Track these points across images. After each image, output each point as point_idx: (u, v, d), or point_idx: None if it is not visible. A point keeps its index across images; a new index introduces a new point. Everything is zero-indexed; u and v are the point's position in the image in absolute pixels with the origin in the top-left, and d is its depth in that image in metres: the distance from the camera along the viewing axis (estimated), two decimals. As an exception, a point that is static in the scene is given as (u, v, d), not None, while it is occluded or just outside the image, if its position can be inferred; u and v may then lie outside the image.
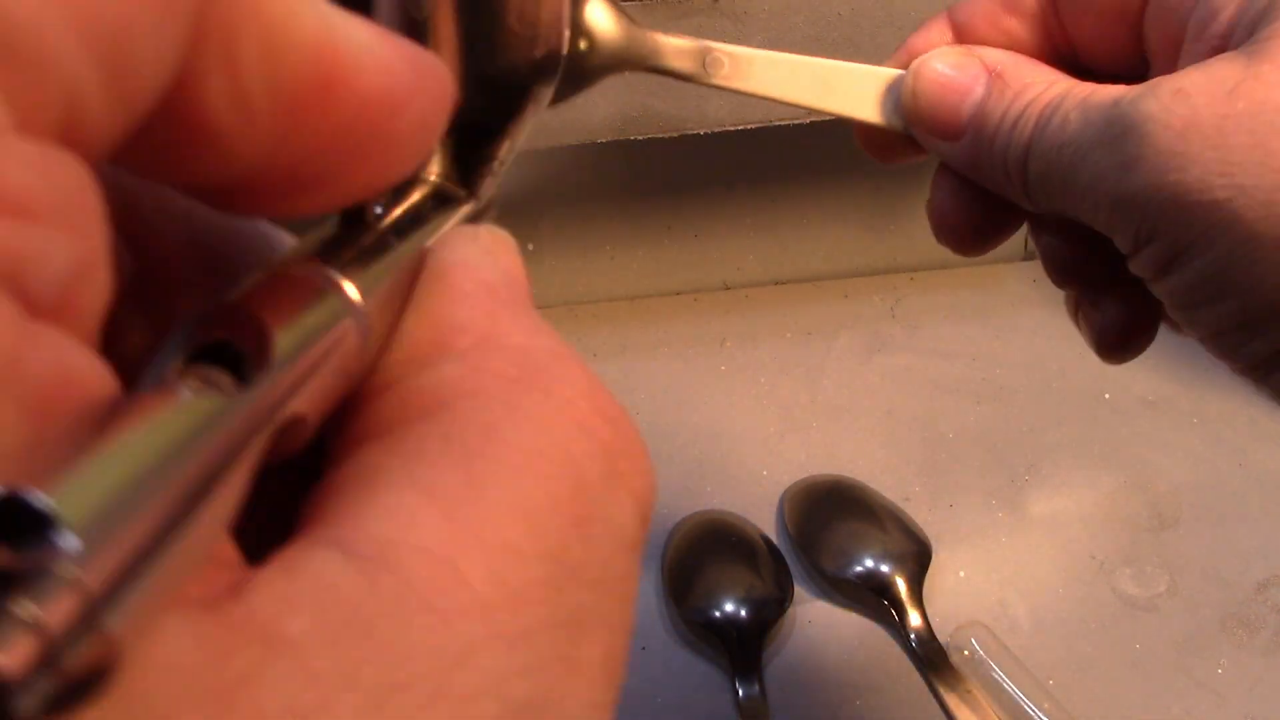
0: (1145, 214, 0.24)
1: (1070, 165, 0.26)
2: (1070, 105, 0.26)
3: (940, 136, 0.29)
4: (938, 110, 0.29)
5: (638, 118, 0.54)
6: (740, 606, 0.48)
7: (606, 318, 0.64)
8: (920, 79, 0.29)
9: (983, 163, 0.28)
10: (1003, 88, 0.28)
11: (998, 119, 0.28)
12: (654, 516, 0.58)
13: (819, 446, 0.56)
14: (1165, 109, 0.23)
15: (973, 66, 0.28)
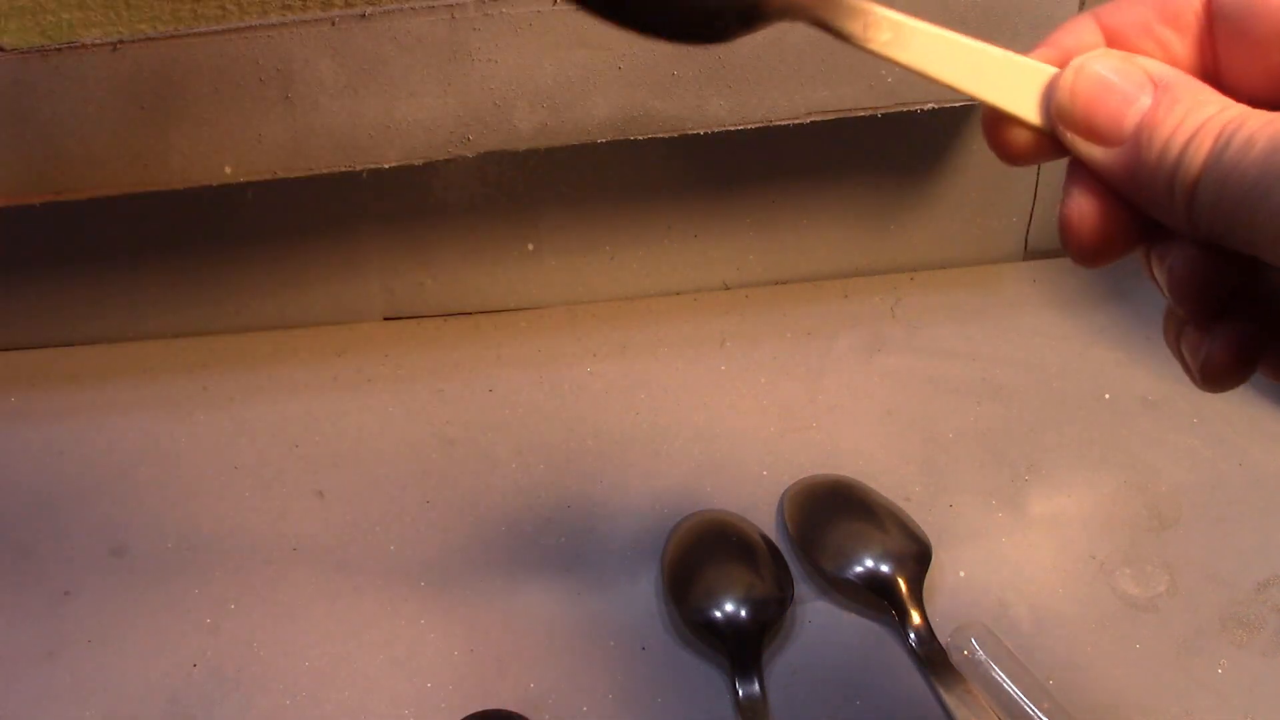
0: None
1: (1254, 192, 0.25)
2: (1255, 128, 0.25)
3: (1096, 140, 0.28)
4: (1098, 113, 0.28)
5: (638, 118, 0.54)
6: (740, 606, 0.48)
7: (606, 318, 0.64)
8: (1082, 77, 0.28)
9: (1142, 176, 0.28)
10: (1173, 101, 0.27)
11: (1168, 134, 0.27)
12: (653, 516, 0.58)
13: (819, 446, 0.56)
14: None
15: (1137, 74, 0.28)
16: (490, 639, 0.49)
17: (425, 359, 0.62)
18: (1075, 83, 0.28)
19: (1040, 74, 0.29)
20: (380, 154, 0.53)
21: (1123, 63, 0.28)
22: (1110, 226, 0.30)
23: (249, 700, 0.48)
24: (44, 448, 0.58)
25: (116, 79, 0.50)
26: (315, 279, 0.63)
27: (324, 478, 0.56)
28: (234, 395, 0.60)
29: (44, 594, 0.52)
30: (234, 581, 0.52)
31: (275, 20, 0.50)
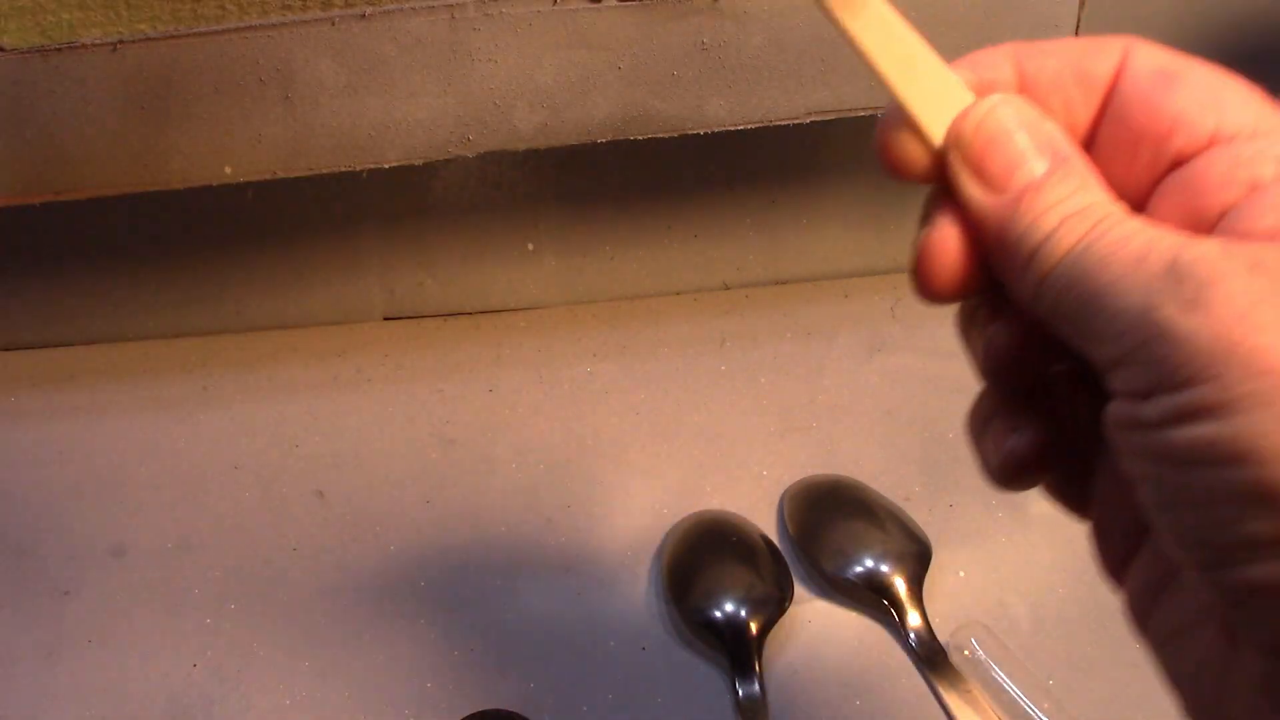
0: (1194, 358, 0.24)
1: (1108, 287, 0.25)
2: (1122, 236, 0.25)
3: (982, 182, 0.28)
4: (994, 157, 0.28)
5: (638, 118, 0.54)
6: (740, 606, 0.48)
7: (606, 318, 0.64)
8: (994, 117, 0.28)
9: (1009, 236, 0.27)
10: (1064, 177, 0.27)
11: (1047, 207, 0.27)
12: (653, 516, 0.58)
13: (819, 446, 0.56)
14: (1239, 274, 0.23)
15: (1044, 137, 0.28)
16: (490, 639, 0.49)
17: (425, 359, 0.62)
18: (985, 119, 0.28)
19: (959, 96, 0.29)
20: (380, 154, 0.53)
21: (1037, 120, 0.28)
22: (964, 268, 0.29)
23: (249, 700, 0.48)
24: (44, 448, 0.58)
25: (116, 79, 0.50)
26: (315, 279, 0.63)
27: (324, 478, 0.56)
28: (234, 395, 0.60)
29: (44, 594, 0.52)
30: (234, 581, 0.52)
31: (275, 20, 0.50)
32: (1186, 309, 0.24)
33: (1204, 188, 0.26)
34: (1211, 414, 0.23)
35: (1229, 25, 0.60)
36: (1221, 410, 0.23)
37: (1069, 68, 0.28)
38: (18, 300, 0.62)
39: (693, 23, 0.51)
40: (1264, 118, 0.26)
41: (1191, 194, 0.26)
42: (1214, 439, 0.23)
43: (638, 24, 0.51)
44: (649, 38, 0.51)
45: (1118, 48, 0.28)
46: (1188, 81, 0.26)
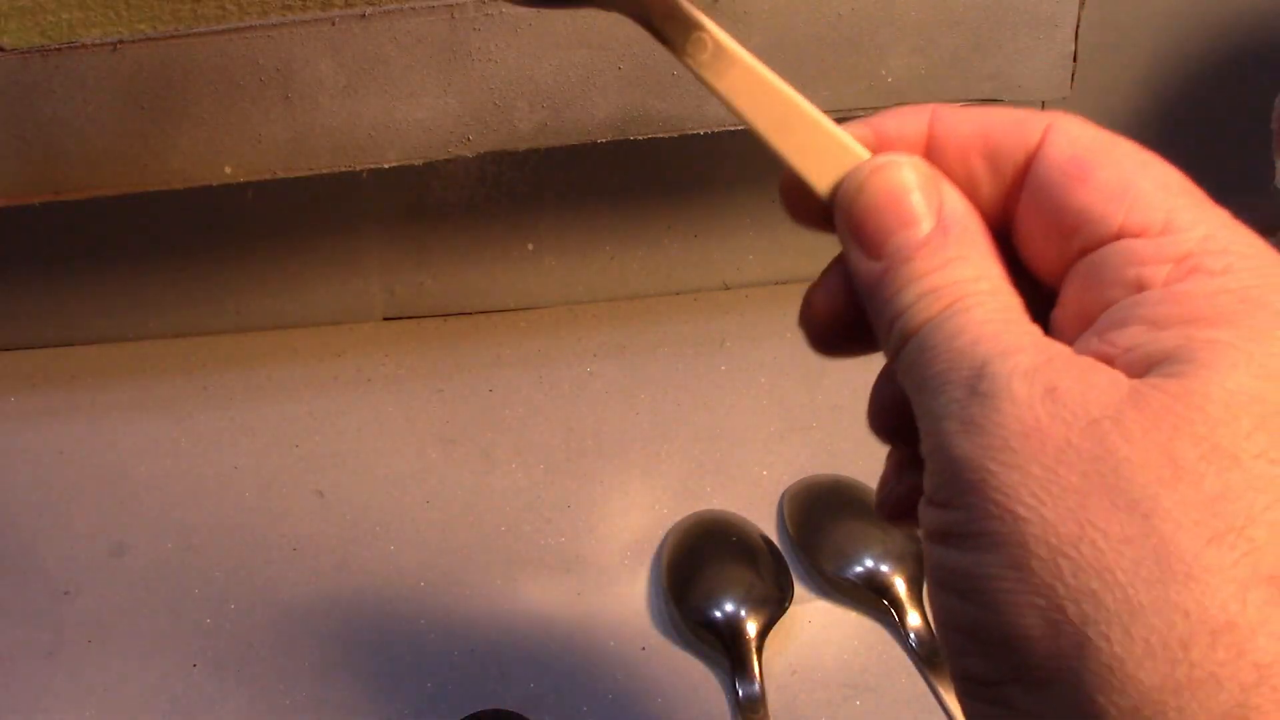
0: (951, 477, 0.23)
1: (930, 380, 0.24)
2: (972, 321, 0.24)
3: (858, 245, 0.27)
4: (870, 220, 0.27)
5: (638, 118, 0.54)
6: (740, 606, 0.48)
7: (606, 318, 0.64)
8: (873, 178, 0.27)
9: (878, 297, 0.26)
10: (938, 246, 0.26)
11: (914, 275, 0.26)
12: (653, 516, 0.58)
13: (819, 446, 0.56)
14: (1029, 401, 0.22)
15: (931, 201, 0.26)
16: (490, 639, 0.49)
17: (425, 359, 0.62)
18: (865, 181, 0.27)
19: (847, 153, 0.28)
20: (380, 154, 0.53)
21: (926, 182, 0.27)
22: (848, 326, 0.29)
23: (249, 700, 0.48)
24: (44, 448, 0.58)
25: (116, 79, 0.50)
26: (315, 279, 0.63)
27: (324, 478, 0.56)
28: (234, 395, 0.60)
29: (44, 594, 0.52)
30: (234, 581, 0.52)
31: (275, 20, 0.50)
32: (965, 427, 0.23)
33: (1098, 282, 0.25)
34: (955, 542, 0.23)
35: (1229, 25, 0.60)
36: (962, 543, 0.23)
37: (980, 139, 0.27)
38: (18, 300, 0.62)
39: (693, 23, 0.51)
40: (1177, 213, 0.24)
41: (1088, 285, 0.25)
42: (953, 567, 0.23)
43: (638, 24, 0.51)
44: (649, 38, 0.51)
45: (1038, 127, 0.26)
46: (1099, 174, 0.25)
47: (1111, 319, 0.24)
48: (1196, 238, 0.24)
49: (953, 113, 0.28)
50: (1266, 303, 0.23)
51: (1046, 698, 0.21)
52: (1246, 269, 0.23)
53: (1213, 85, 0.61)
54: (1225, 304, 0.23)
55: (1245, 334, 0.22)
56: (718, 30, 0.29)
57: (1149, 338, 0.23)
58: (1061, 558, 0.21)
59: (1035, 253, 0.26)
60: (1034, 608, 0.21)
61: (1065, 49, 0.52)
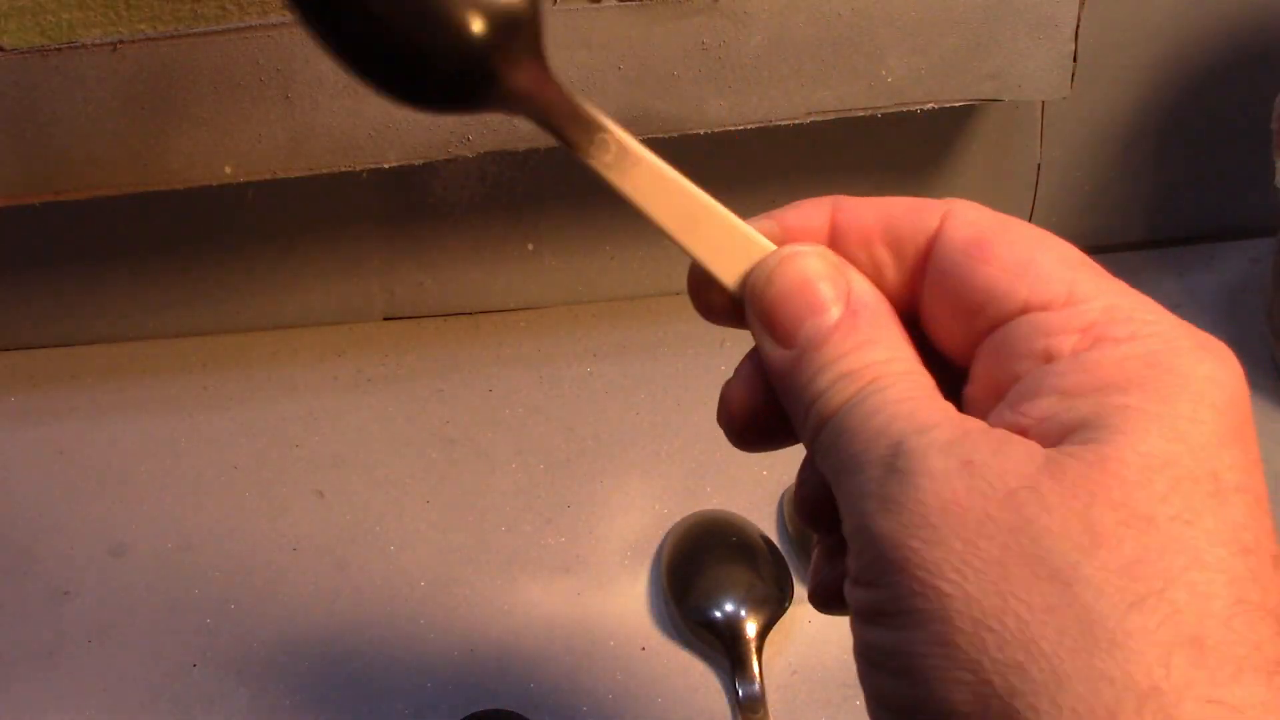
0: (874, 557, 0.23)
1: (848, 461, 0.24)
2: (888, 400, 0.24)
3: (770, 334, 0.27)
4: (781, 309, 0.27)
5: (638, 118, 0.54)
6: (740, 606, 0.48)
7: (606, 318, 0.64)
8: (781, 268, 0.27)
9: (792, 386, 0.27)
10: (849, 330, 0.26)
11: (828, 360, 0.26)
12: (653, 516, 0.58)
13: (819, 446, 0.56)
14: (946, 476, 0.22)
15: (838, 288, 0.27)
16: (490, 639, 0.49)
17: (425, 359, 0.62)
18: (774, 272, 0.27)
19: (755, 247, 0.28)
20: (380, 154, 0.53)
21: (832, 270, 0.27)
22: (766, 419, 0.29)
23: (249, 700, 0.48)
24: (44, 448, 0.58)
25: (116, 79, 0.50)
26: (315, 279, 0.63)
27: (324, 478, 0.56)
28: (234, 395, 0.60)
29: (44, 594, 0.52)
30: (234, 581, 0.52)
31: (275, 20, 0.50)
32: (884, 505, 0.23)
33: (1007, 356, 0.25)
34: (881, 620, 0.23)
35: (1229, 25, 0.60)
36: (887, 621, 0.23)
37: (881, 226, 0.27)
38: (18, 300, 0.62)
39: (693, 23, 0.51)
40: (1079, 285, 0.25)
41: (997, 360, 0.25)
42: (881, 646, 0.23)
43: (638, 24, 0.51)
44: (649, 38, 0.51)
45: (938, 212, 0.27)
46: (998, 253, 0.25)
47: (1023, 391, 0.24)
48: (1100, 308, 0.24)
49: (854, 203, 0.28)
50: (1172, 366, 0.23)
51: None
52: (1151, 334, 0.24)
53: (1213, 85, 0.61)
54: (1133, 370, 0.23)
55: (1154, 398, 0.22)
56: (620, 131, 0.29)
57: (1062, 406, 0.23)
58: (986, 631, 0.21)
59: (943, 334, 0.27)
60: (962, 683, 0.21)
61: (1065, 49, 0.52)
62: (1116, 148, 0.63)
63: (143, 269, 0.62)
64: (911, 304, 0.28)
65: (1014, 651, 0.21)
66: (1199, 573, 0.21)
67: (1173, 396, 0.23)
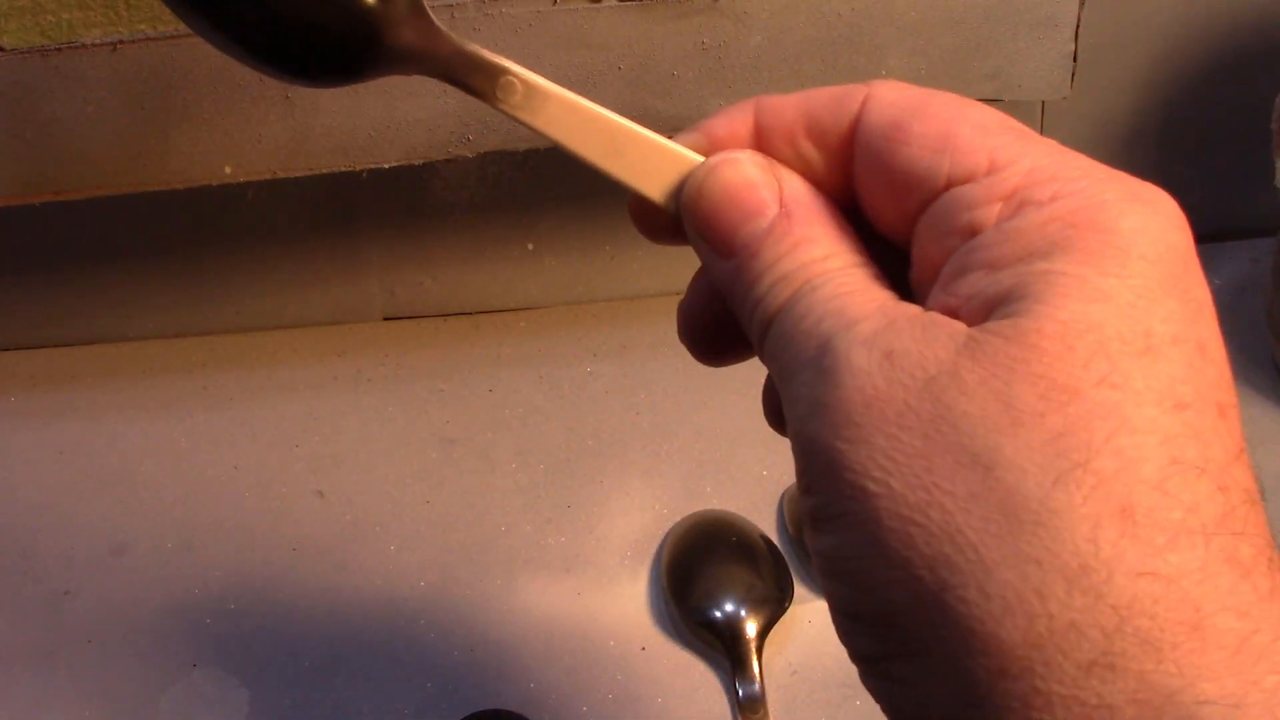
0: (810, 463, 0.23)
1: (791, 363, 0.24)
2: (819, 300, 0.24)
3: (710, 247, 0.27)
4: (716, 220, 0.26)
5: (637, 118, 0.54)
6: (740, 606, 0.48)
7: (606, 318, 0.64)
8: (710, 179, 0.27)
9: (736, 295, 0.26)
10: (784, 232, 0.25)
11: (765, 265, 0.25)
12: (653, 516, 0.58)
13: (819, 446, 0.56)
14: (868, 370, 0.22)
15: (768, 189, 0.26)
16: (490, 639, 0.49)
17: (425, 359, 0.62)
18: (703, 184, 0.27)
19: (682, 162, 0.28)
20: (380, 154, 0.53)
21: (760, 173, 0.26)
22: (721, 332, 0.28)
23: (249, 700, 0.48)
24: (44, 448, 0.58)
25: (116, 79, 0.50)
26: (315, 279, 0.63)
27: (324, 478, 0.56)
28: (234, 395, 0.60)
29: (44, 594, 0.52)
30: (234, 581, 0.52)
31: (275, 20, 0.50)
32: (813, 409, 0.22)
33: (937, 234, 0.24)
34: (822, 526, 0.22)
35: (1229, 25, 0.60)
36: (828, 526, 0.22)
37: (803, 120, 0.27)
38: (18, 300, 0.62)
39: (693, 23, 0.51)
40: (1000, 151, 0.24)
41: (929, 239, 0.24)
42: (824, 551, 0.23)
43: (638, 24, 0.51)
44: (649, 38, 0.51)
45: (857, 98, 0.26)
46: (915, 131, 0.25)
47: (952, 269, 0.23)
48: (1022, 171, 0.23)
49: (775, 100, 0.27)
50: (1095, 223, 0.22)
51: (924, 667, 0.21)
52: (1074, 192, 0.22)
53: (1213, 85, 0.61)
54: (1055, 232, 0.22)
55: (1076, 259, 0.21)
56: (523, 71, 0.29)
57: (986, 281, 0.22)
58: (913, 526, 0.21)
59: (882, 219, 0.26)
60: (896, 582, 0.21)
61: (1065, 49, 0.52)
62: (1116, 148, 0.63)
63: (143, 269, 0.62)
64: (849, 193, 0.27)
65: (940, 545, 0.20)
66: (1127, 437, 0.20)
67: (1096, 255, 0.21)
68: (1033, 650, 0.20)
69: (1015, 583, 0.20)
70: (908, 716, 0.22)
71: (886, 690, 0.22)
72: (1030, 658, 0.20)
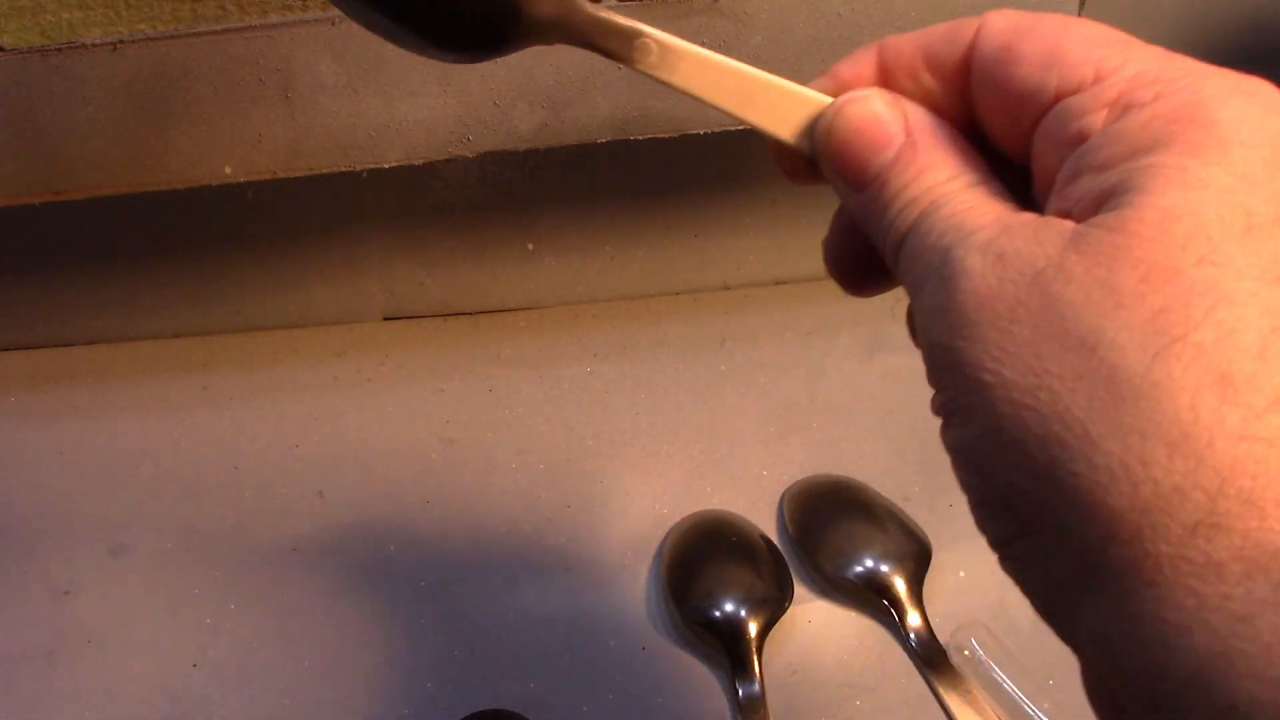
0: (936, 363, 0.24)
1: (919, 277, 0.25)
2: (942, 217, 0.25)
3: (843, 181, 0.28)
4: (847, 155, 0.28)
5: (638, 118, 0.54)
6: (740, 606, 0.48)
7: (606, 318, 0.64)
8: (840, 117, 0.28)
9: (871, 224, 0.28)
10: (910, 159, 0.27)
11: (894, 191, 0.27)
12: (653, 516, 0.58)
13: (819, 446, 0.56)
14: (982, 272, 0.23)
15: (894, 122, 0.28)
16: (490, 639, 0.49)
17: (425, 359, 0.62)
18: (833, 122, 0.28)
19: (812, 104, 0.29)
20: (380, 154, 0.53)
21: (886, 107, 0.28)
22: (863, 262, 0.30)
23: (249, 700, 0.48)
24: (44, 448, 0.58)
25: (116, 79, 0.50)
26: (315, 279, 0.63)
27: (324, 478, 0.56)
28: (234, 395, 0.60)
29: (44, 594, 0.52)
30: (234, 581, 0.52)
31: (275, 20, 0.50)
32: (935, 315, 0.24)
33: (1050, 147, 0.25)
34: (951, 422, 0.24)
35: (1229, 25, 0.60)
36: (955, 421, 0.24)
37: (921, 54, 0.28)
38: (18, 300, 0.62)
39: (693, 23, 0.51)
40: (1105, 61, 0.25)
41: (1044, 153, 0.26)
42: (949, 444, 0.24)
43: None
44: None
45: (971, 29, 0.27)
46: (1024, 51, 0.26)
47: (1065, 175, 0.25)
48: (1126, 77, 0.24)
49: (896, 40, 0.29)
50: (1195, 117, 0.23)
51: (1046, 544, 0.22)
52: (1175, 91, 0.23)
53: (1213, 85, 0.61)
54: (1158, 129, 0.23)
55: (1178, 151, 0.22)
56: (657, 31, 0.30)
57: (1095, 181, 0.23)
58: (1025, 410, 0.22)
59: (1002, 139, 0.27)
60: (1014, 465, 0.22)
61: (1065, 49, 0.52)
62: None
63: (143, 269, 0.62)
64: (970, 119, 0.28)
65: (1050, 424, 0.22)
66: (1226, 310, 0.21)
67: (1198, 146, 0.22)
68: (1140, 515, 0.21)
69: (1120, 453, 0.21)
70: (1041, 595, 0.23)
71: (1020, 571, 0.24)
72: (1138, 522, 0.21)
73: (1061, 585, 0.22)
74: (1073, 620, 0.22)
